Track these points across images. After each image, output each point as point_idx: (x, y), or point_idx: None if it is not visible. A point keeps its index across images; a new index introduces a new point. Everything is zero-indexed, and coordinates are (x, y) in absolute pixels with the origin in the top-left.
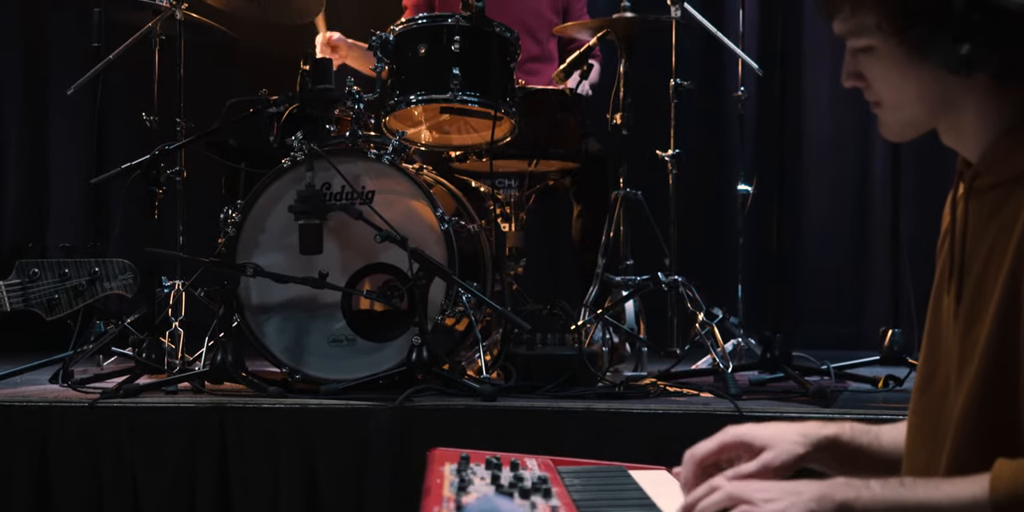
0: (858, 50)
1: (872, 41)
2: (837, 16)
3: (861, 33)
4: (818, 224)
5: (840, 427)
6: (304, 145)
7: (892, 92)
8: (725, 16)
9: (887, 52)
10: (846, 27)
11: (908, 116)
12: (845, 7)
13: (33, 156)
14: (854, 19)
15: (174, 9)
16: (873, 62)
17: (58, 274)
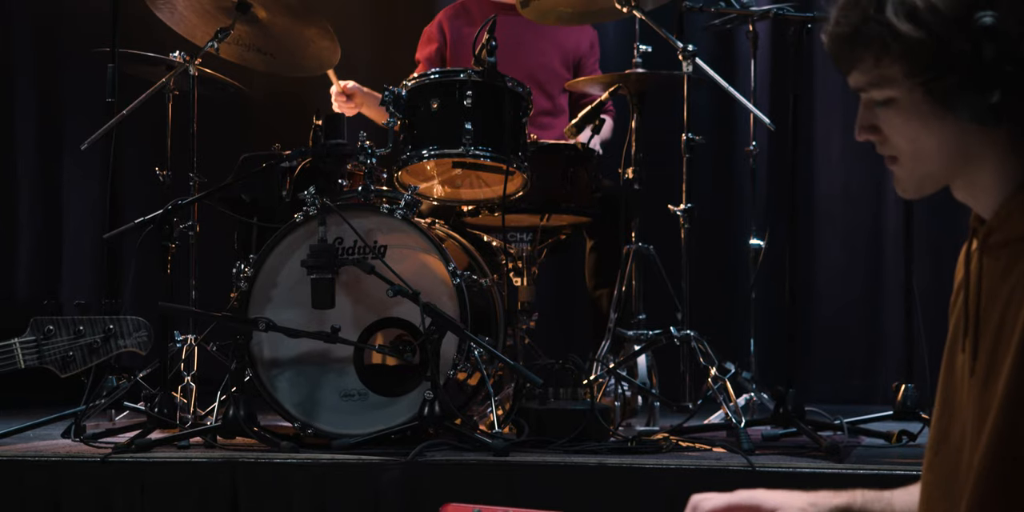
0: (876, 103)
1: (895, 93)
2: (857, 68)
3: (883, 85)
4: (830, 278)
5: (851, 496)
6: (317, 200)
7: (911, 145)
8: (737, 70)
9: (910, 104)
10: (867, 79)
11: (926, 170)
12: (868, 58)
13: (46, 210)
14: (877, 70)
15: (187, 64)
16: (893, 114)
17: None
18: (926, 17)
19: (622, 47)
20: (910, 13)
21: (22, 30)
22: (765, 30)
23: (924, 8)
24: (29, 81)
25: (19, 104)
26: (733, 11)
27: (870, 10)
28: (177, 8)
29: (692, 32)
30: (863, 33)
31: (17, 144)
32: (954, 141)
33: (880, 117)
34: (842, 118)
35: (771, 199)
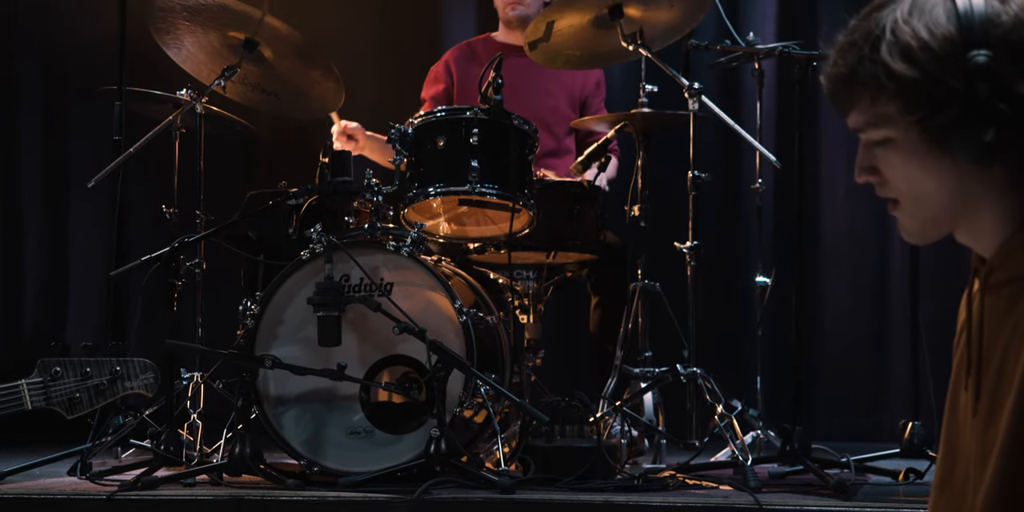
0: (874, 143)
1: (891, 132)
2: (855, 108)
3: (881, 124)
4: (836, 315)
5: None
6: (323, 237)
7: (910, 186)
8: (742, 108)
9: (907, 143)
10: (864, 118)
11: (927, 213)
12: (865, 98)
13: (52, 248)
14: (874, 109)
15: (194, 102)
16: (891, 155)
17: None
18: (920, 56)
19: (628, 86)
20: (904, 52)
21: (29, 67)
22: (771, 68)
23: (918, 47)
24: (36, 118)
25: (26, 141)
26: (739, 49)
27: (866, 50)
28: (185, 45)
29: (698, 70)
30: (859, 73)
31: (23, 181)
32: (952, 182)
33: (879, 158)
34: (847, 156)
35: (777, 237)
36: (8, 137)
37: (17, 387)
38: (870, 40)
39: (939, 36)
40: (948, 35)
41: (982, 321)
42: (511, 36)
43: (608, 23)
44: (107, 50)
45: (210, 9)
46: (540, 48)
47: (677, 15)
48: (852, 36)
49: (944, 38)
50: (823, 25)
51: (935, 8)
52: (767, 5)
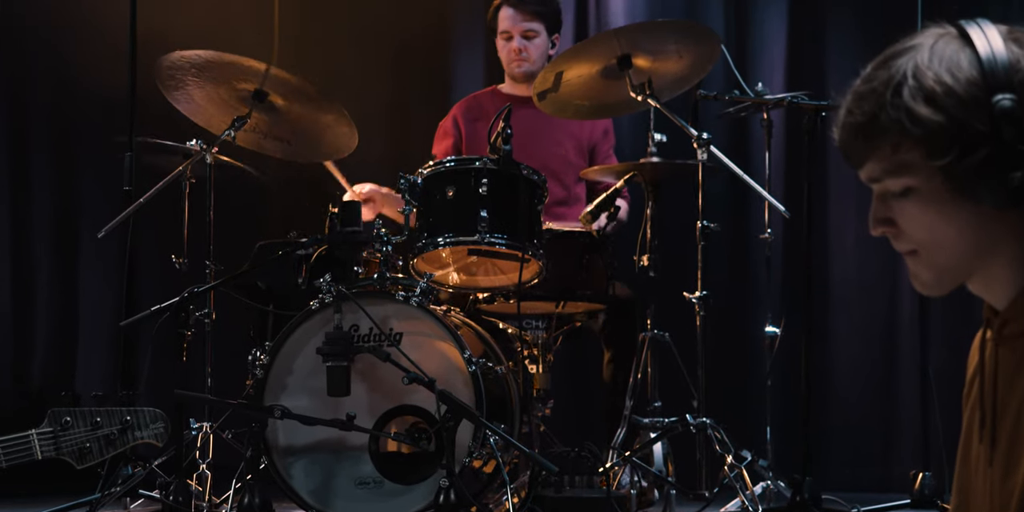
0: (893, 194)
1: (913, 181)
2: (872, 157)
3: (901, 173)
4: (846, 365)
5: None
6: (332, 287)
7: (929, 235)
8: (751, 158)
9: (929, 191)
10: (883, 167)
11: (944, 262)
12: (885, 146)
13: (63, 297)
14: (895, 157)
15: (204, 153)
16: (910, 204)
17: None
18: (945, 101)
19: (637, 136)
20: (929, 97)
21: (39, 117)
22: (779, 118)
23: (942, 92)
24: (47, 168)
25: (37, 191)
26: (747, 100)
27: (887, 96)
28: (195, 99)
29: (707, 120)
30: (880, 119)
31: (34, 230)
32: (973, 229)
33: (895, 209)
34: (856, 206)
35: (786, 287)
36: (19, 187)
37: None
38: (891, 86)
39: (963, 81)
40: (972, 79)
41: (996, 373)
42: (517, 88)
43: (617, 74)
44: (118, 100)
45: (216, 65)
46: (549, 98)
47: (686, 66)
48: (870, 84)
49: (968, 82)
50: (831, 76)
51: (956, 54)
52: (775, 56)
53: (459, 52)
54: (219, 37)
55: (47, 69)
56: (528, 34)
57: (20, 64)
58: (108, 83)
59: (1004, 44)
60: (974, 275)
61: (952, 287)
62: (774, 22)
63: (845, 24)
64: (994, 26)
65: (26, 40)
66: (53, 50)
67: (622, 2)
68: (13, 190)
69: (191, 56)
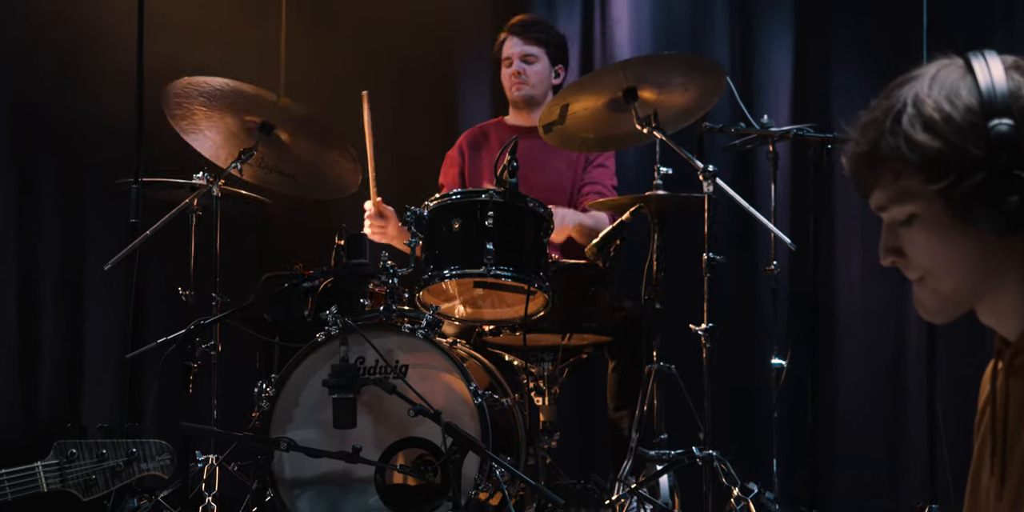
0: (898, 223)
1: (915, 207)
2: (877, 185)
3: (904, 200)
4: (852, 397)
5: None
6: (338, 319)
7: (935, 262)
8: (757, 190)
9: (931, 218)
10: (887, 195)
11: (950, 289)
12: (887, 173)
13: (69, 329)
14: (897, 184)
15: (211, 186)
16: (914, 232)
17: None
18: (942, 127)
19: (643, 168)
20: (926, 124)
21: (46, 149)
22: (785, 150)
23: (940, 119)
24: (53, 200)
25: (43, 223)
26: (753, 132)
27: (887, 124)
28: (202, 130)
29: (712, 152)
30: (881, 147)
31: (41, 262)
32: (977, 256)
33: (903, 238)
34: (862, 237)
35: (792, 318)
36: (26, 218)
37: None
38: (891, 114)
39: (961, 108)
40: (970, 106)
41: (1007, 405)
42: (520, 118)
43: (623, 106)
44: (124, 132)
45: (225, 94)
46: (555, 131)
47: (691, 98)
48: (874, 113)
49: (966, 109)
50: (836, 108)
51: (956, 83)
52: (781, 88)
53: (465, 84)
54: (226, 69)
55: (54, 99)
56: (528, 58)
57: (27, 95)
58: (115, 115)
59: (1005, 72)
60: (982, 304)
61: (956, 315)
62: (779, 55)
63: (850, 57)
64: (999, 57)
65: (33, 71)
66: (60, 81)
67: (628, 35)
68: (20, 221)
69: (199, 83)
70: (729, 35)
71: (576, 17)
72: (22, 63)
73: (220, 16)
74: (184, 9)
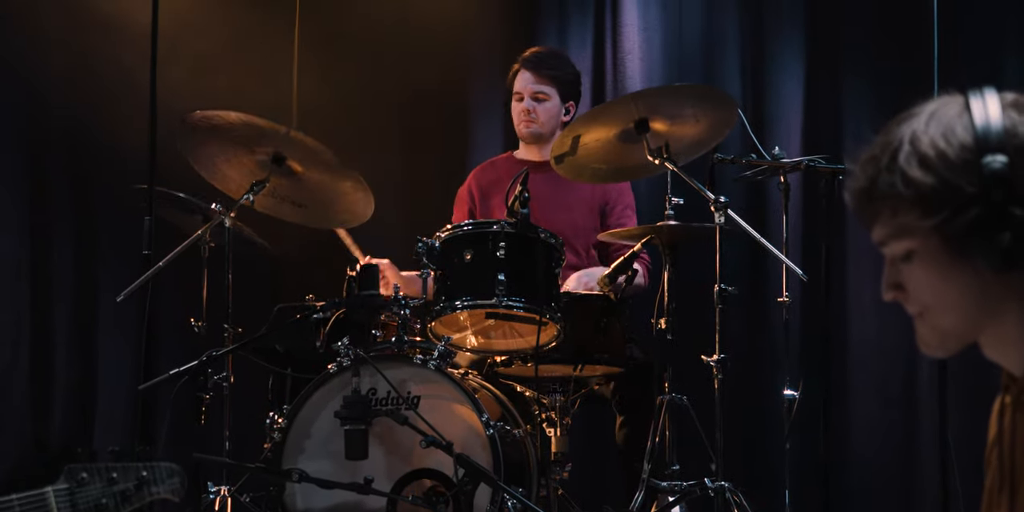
0: (899, 258)
1: (913, 243)
2: (878, 221)
3: (902, 235)
4: (865, 428)
5: None
6: (350, 350)
7: (934, 298)
8: (768, 221)
9: (928, 254)
10: (886, 231)
11: (948, 324)
12: (885, 209)
13: (82, 360)
14: (895, 220)
15: (223, 217)
16: (914, 268)
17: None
18: (936, 163)
19: (654, 198)
20: (921, 161)
21: (59, 181)
22: (796, 181)
23: (934, 156)
24: (66, 232)
25: (57, 255)
26: (764, 163)
27: (884, 161)
28: (214, 163)
29: (724, 183)
30: (879, 184)
31: (54, 293)
32: (975, 291)
33: (904, 274)
34: (874, 268)
35: (804, 349)
36: (40, 249)
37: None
38: (889, 151)
39: (955, 144)
40: (964, 143)
41: (1014, 439)
42: (530, 152)
43: (634, 137)
44: (137, 164)
45: (237, 128)
46: (567, 162)
47: (703, 129)
48: (873, 150)
49: (960, 146)
50: (848, 139)
51: (953, 120)
52: (792, 119)
53: (478, 114)
54: (238, 98)
55: (67, 131)
56: (539, 96)
57: (40, 126)
58: (128, 146)
59: (1002, 110)
60: (984, 339)
61: (957, 350)
62: (791, 86)
63: (861, 88)
64: (998, 94)
65: (46, 99)
66: (74, 113)
67: (639, 66)
68: (33, 253)
69: (212, 116)
70: (740, 67)
71: (588, 48)
72: (36, 90)
73: (232, 45)
74: (197, 38)
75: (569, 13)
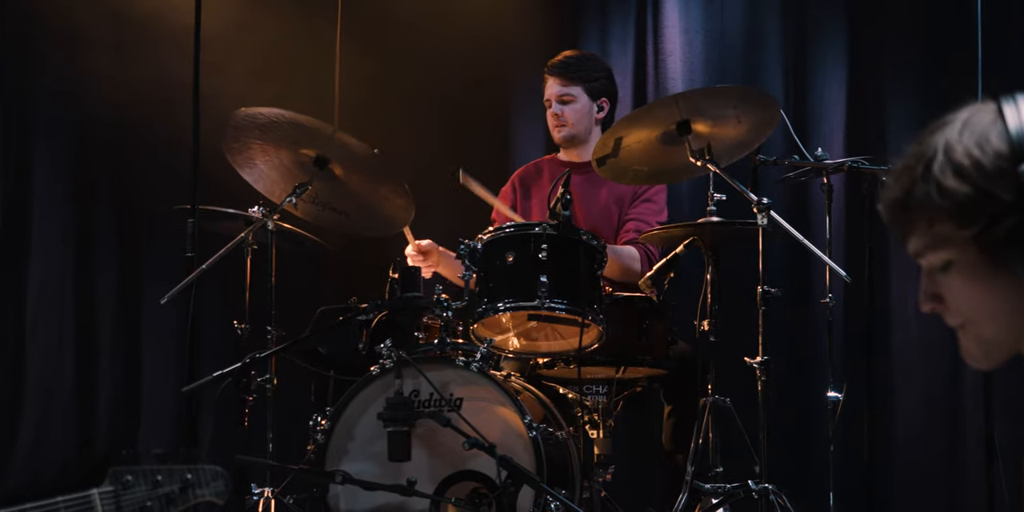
0: (936, 269)
1: (950, 254)
2: (913, 232)
3: (939, 246)
4: (909, 430)
5: None
6: (393, 353)
7: (974, 309)
8: (811, 222)
9: (966, 264)
10: (923, 242)
11: (992, 334)
12: (921, 221)
13: (126, 362)
14: (931, 231)
15: (266, 219)
16: (952, 279)
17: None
18: (971, 172)
19: (696, 199)
20: (956, 170)
21: (103, 185)
22: (839, 183)
23: (969, 165)
24: (110, 235)
25: (100, 259)
26: (807, 164)
27: (919, 171)
28: (257, 165)
29: (766, 185)
30: (914, 194)
31: (98, 297)
32: (1016, 300)
33: (941, 284)
34: (917, 269)
35: (848, 351)
36: (83, 252)
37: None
38: (923, 161)
39: (990, 153)
40: (999, 151)
41: None
42: (570, 155)
43: (676, 139)
44: (180, 166)
45: (282, 126)
46: (609, 163)
47: (745, 131)
48: (907, 161)
49: (996, 154)
50: (891, 140)
51: (986, 128)
52: (835, 120)
53: (518, 120)
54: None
55: (111, 134)
56: (565, 98)
57: (84, 128)
58: (173, 148)
59: None
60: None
61: (1002, 360)
62: (833, 87)
63: (904, 88)
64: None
65: (91, 105)
66: (120, 113)
67: (680, 68)
68: (77, 255)
69: (256, 114)
70: (782, 67)
71: (629, 50)
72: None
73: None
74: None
75: (610, 14)
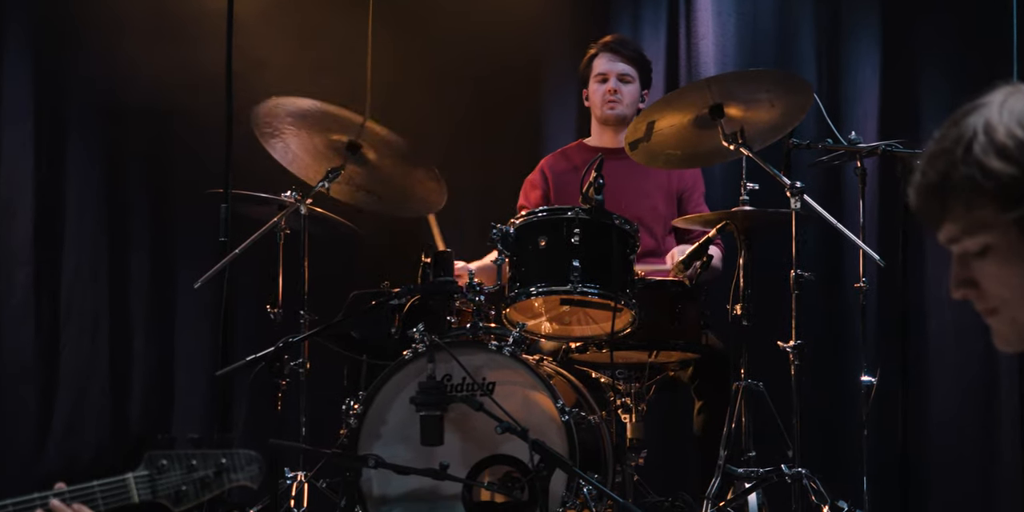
0: (971, 255)
1: (989, 238)
2: (948, 218)
3: (977, 231)
4: (943, 414)
5: None
6: (425, 337)
7: (1012, 291)
8: (845, 206)
9: (1006, 247)
10: (959, 227)
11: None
12: (959, 205)
13: (160, 346)
14: (969, 214)
15: (299, 204)
16: (989, 263)
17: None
18: (1016, 153)
19: (729, 183)
20: (1000, 151)
21: (136, 170)
22: (873, 166)
23: (1014, 146)
24: (144, 220)
25: (134, 243)
26: (840, 148)
27: (958, 153)
28: (291, 148)
29: (799, 169)
30: (953, 177)
31: (132, 281)
32: None
33: (976, 270)
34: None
35: (882, 335)
36: (118, 237)
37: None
38: (962, 144)
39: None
40: None
41: None
42: (604, 139)
43: (709, 123)
44: (213, 152)
45: (313, 115)
46: (641, 148)
47: (778, 114)
48: (942, 144)
49: None
50: (925, 123)
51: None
52: (868, 103)
53: (550, 106)
54: (313, 88)
55: (145, 119)
56: (624, 77)
57: (118, 113)
58: (205, 134)
59: None
60: None
61: None
62: (867, 71)
63: (938, 72)
64: None
65: (124, 91)
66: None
67: (712, 51)
68: (111, 240)
69: (287, 104)
70: (815, 50)
71: (661, 34)
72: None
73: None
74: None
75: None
